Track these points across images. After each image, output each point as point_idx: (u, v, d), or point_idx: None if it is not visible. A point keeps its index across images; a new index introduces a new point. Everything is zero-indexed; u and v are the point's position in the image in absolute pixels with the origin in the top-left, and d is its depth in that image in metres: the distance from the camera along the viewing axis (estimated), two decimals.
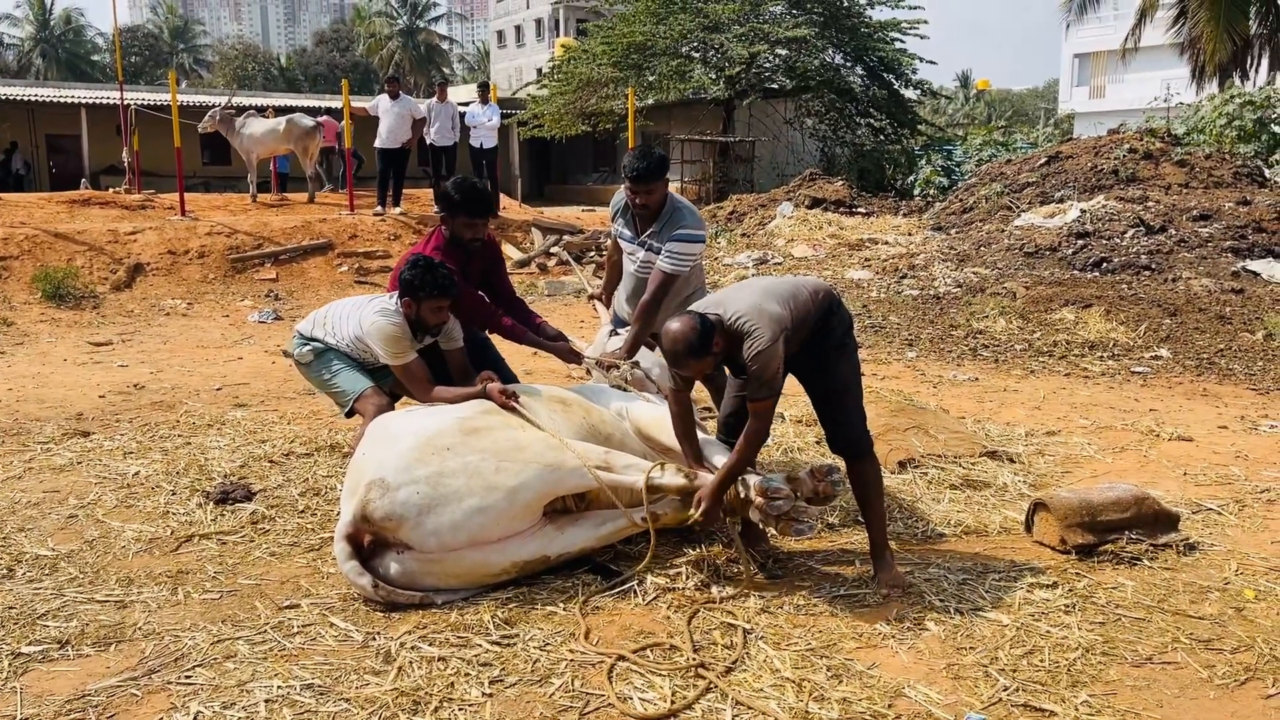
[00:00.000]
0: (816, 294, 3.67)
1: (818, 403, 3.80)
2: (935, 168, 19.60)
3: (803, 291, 3.64)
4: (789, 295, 3.58)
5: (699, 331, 3.39)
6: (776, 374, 3.44)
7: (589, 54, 25.20)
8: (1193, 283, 9.76)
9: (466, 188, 4.54)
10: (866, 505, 3.73)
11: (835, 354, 3.67)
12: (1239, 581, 3.71)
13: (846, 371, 3.71)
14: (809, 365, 3.69)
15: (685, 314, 3.49)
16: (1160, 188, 12.64)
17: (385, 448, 3.65)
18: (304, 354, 4.59)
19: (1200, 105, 16.83)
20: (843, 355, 3.69)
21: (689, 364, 3.45)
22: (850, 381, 3.72)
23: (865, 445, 3.73)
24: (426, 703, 2.85)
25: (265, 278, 12.65)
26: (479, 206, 4.57)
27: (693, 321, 3.41)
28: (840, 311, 3.72)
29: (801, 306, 3.57)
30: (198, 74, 64.59)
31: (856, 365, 3.78)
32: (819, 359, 3.67)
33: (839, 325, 3.69)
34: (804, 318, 3.57)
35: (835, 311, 3.69)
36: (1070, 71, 43.43)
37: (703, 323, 3.41)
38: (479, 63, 67.80)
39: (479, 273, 4.79)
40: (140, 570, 3.85)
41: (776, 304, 3.50)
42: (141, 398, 6.91)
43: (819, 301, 3.65)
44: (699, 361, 3.44)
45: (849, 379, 3.72)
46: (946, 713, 2.81)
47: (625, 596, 3.57)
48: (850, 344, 3.74)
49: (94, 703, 2.86)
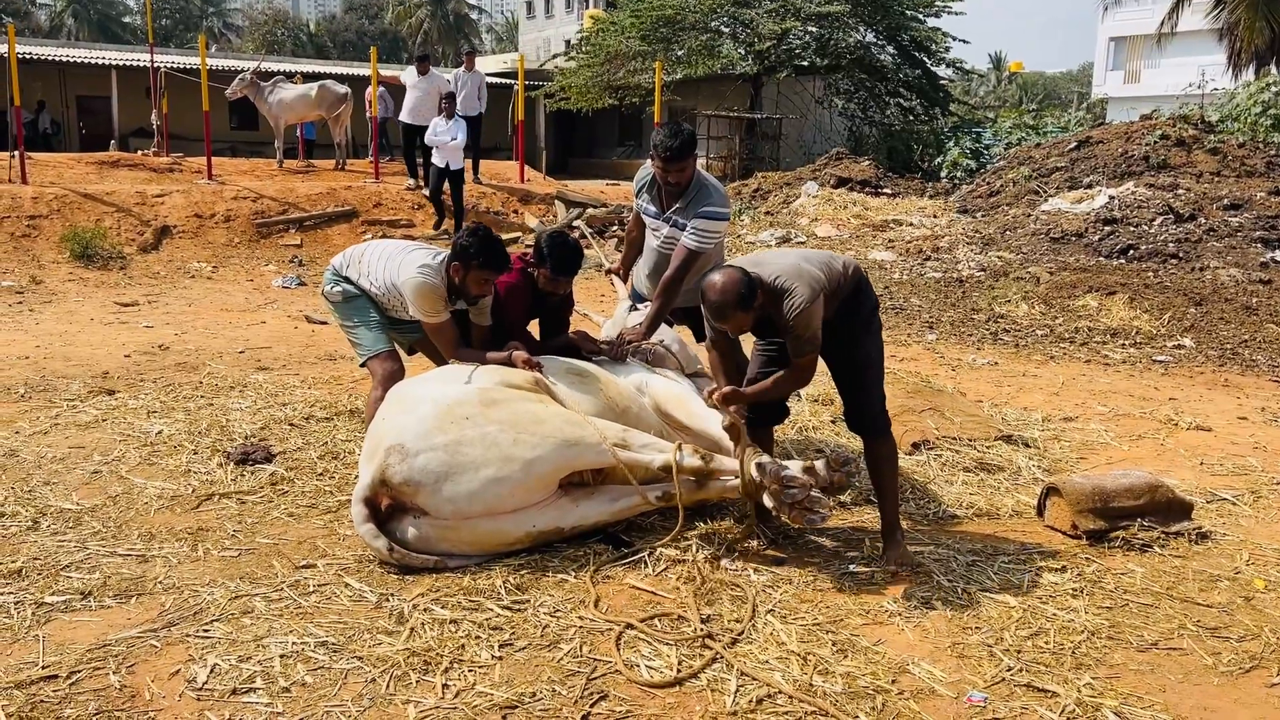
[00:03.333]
0: (847, 269, 3.70)
1: (839, 377, 3.82)
2: (963, 150, 19.43)
3: (836, 263, 3.68)
4: (824, 263, 3.63)
5: (745, 284, 3.42)
6: (817, 332, 3.49)
7: (617, 26, 25.07)
8: (1220, 272, 9.66)
9: (559, 243, 4.39)
10: (880, 483, 3.77)
11: (861, 330, 3.70)
12: (1249, 571, 3.72)
13: (870, 349, 3.74)
14: (835, 339, 3.69)
15: (728, 268, 3.50)
16: (1191, 175, 12.50)
17: (405, 414, 3.69)
18: (334, 293, 4.60)
19: (1235, 93, 16.57)
20: (868, 332, 3.73)
21: (733, 317, 3.47)
22: (873, 359, 3.75)
23: (882, 424, 3.76)
24: (437, 663, 2.90)
25: (289, 243, 12.73)
26: (566, 264, 4.39)
27: (738, 275, 3.44)
28: (868, 290, 3.75)
29: (835, 277, 3.61)
30: (227, 38, 64.68)
31: (880, 345, 3.81)
32: (846, 334, 3.68)
33: (866, 303, 3.73)
34: (836, 288, 3.60)
35: (863, 289, 3.73)
36: (1105, 55, 42.78)
37: (747, 276, 3.44)
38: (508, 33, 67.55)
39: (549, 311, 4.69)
40: (161, 526, 3.92)
41: (814, 267, 3.55)
42: (166, 358, 7.00)
43: (849, 276, 3.68)
44: (743, 314, 3.47)
45: (872, 356, 3.75)
46: (949, 690, 2.84)
47: (636, 567, 3.61)
48: (875, 323, 3.77)
49: (114, 652, 2.93)
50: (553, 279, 4.38)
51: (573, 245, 4.43)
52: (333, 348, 7.37)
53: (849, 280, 3.67)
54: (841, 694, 2.80)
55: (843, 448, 5.14)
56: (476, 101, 14.35)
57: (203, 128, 14.65)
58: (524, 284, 4.48)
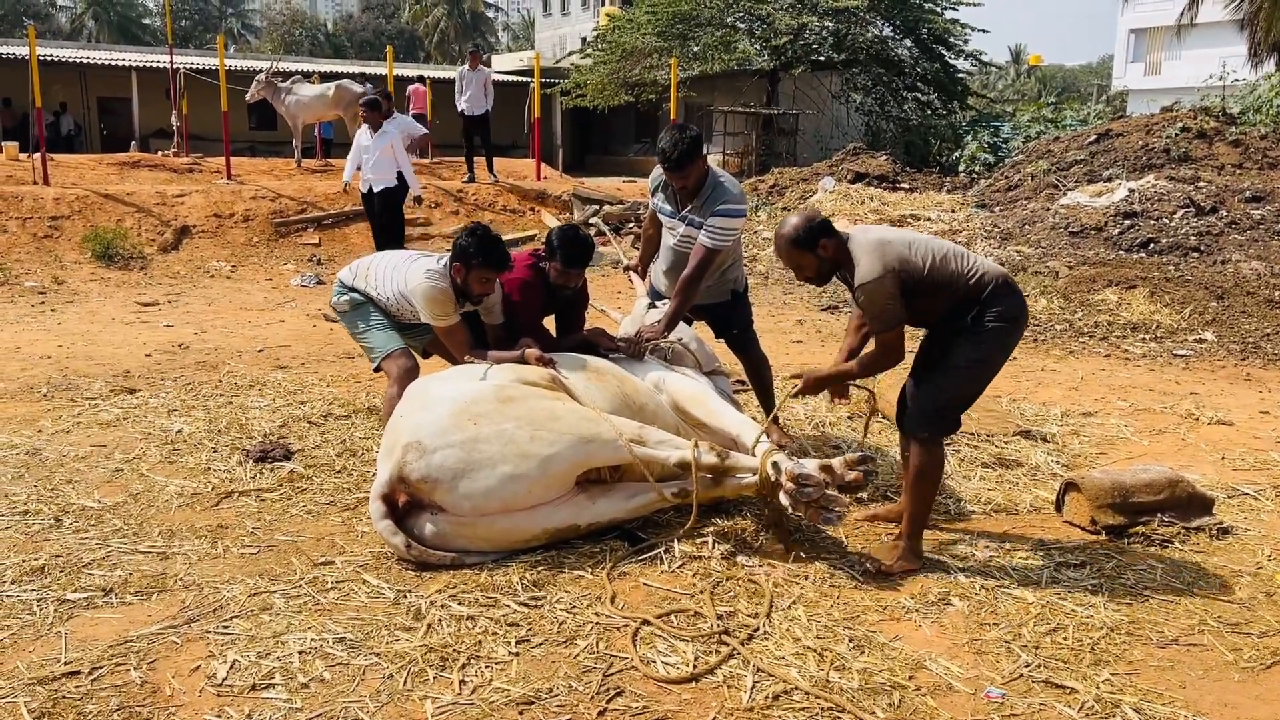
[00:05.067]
0: (976, 274, 3.46)
1: (914, 369, 3.67)
2: (981, 144, 19.32)
3: (957, 263, 3.47)
4: (934, 252, 3.46)
5: (808, 226, 3.43)
6: (887, 309, 3.38)
7: (633, 23, 25.04)
8: (1242, 265, 9.57)
9: (569, 237, 4.39)
10: (909, 487, 3.61)
11: (964, 335, 3.46)
12: (1271, 566, 3.68)
13: (962, 355, 3.48)
14: (933, 331, 3.59)
15: (808, 210, 3.55)
16: (1213, 168, 12.38)
17: (423, 411, 3.71)
18: (341, 303, 4.67)
19: (1257, 84, 16.40)
20: (971, 339, 3.46)
21: (787, 252, 3.49)
22: (958, 366, 3.49)
23: (926, 428, 3.54)
24: (454, 659, 2.92)
25: (308, 242, 12.81)
26: (576, 256, 4.37)
27: (809, 215, 3.48)
28: (1003, 302, 3.44)
29: (943, 272, 3.43)
30: (245, 39, 65.07)
31: (982, 359, 3.50)
32: (946, 330, 3.52)
33: (990, 312, 3.43)
34: (936, 281, 3.42)
35: (995, 299, 3.43)
36: (1126, 47, 42.40)
37: (816, 221, 3.45)
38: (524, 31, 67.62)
39: (564, 306, 4.69)
40: (182, 524, 3.96)
41: (908, 250, 3.42)
42: (186, 357, 7.05)
43: (973, 279, 3.44)
44: (798, 252, 3.47)
45: (958, 363, 3.49)
46: (966, 686, 2.83)
47: (652, 563, 3.61)
48: (990, 335, 3.45)
49: (135, 649, 2.96)
50: (563, 271, 4.39)
51: (583, 238, 4.43)
52: (350, 346, 7.40)
53: (969, 283, 3.43)
54: (858, 690, 2.79)
55: (858, 444, 5.12)
56: (483, 99, 14.36)
57: (222, 128, 14.75)
58: (537, 280, 4.49)
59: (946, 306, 3.48)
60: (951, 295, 3.45)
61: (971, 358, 3.48)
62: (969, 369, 3.51)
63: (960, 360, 3.49)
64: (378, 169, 9.75)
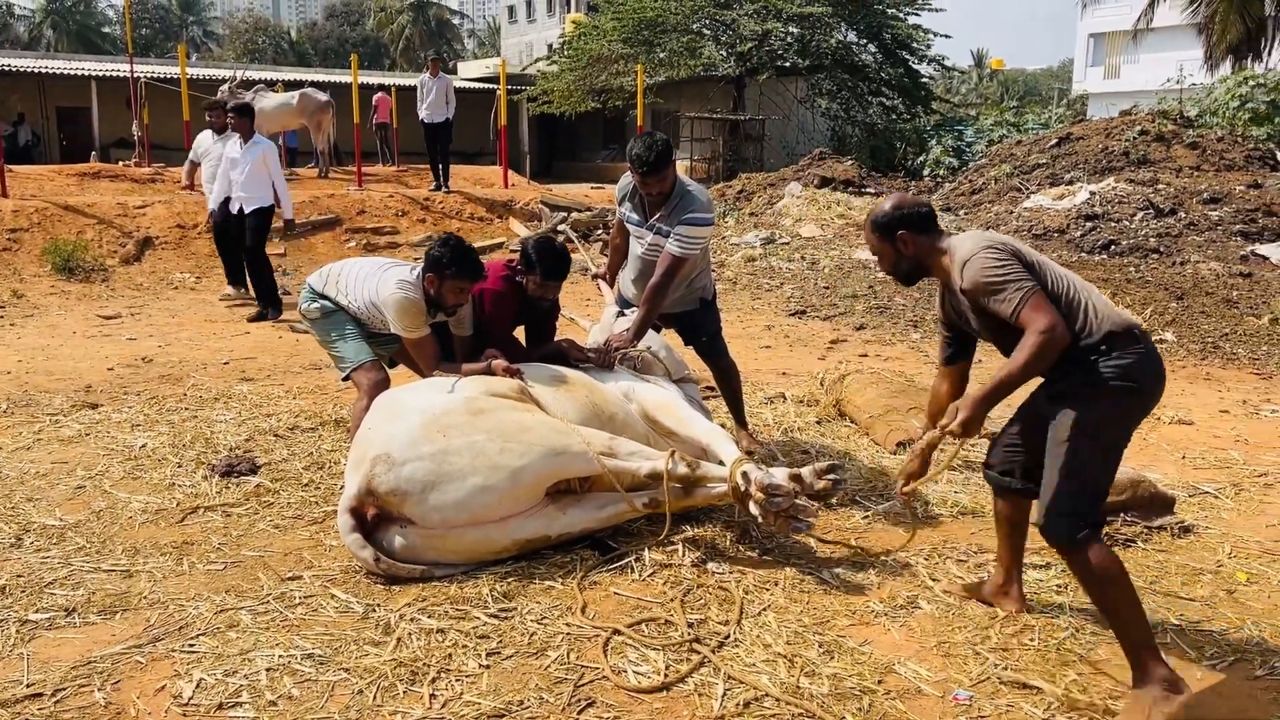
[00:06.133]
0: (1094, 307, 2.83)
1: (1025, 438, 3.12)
2: (945, 148, 19.53)
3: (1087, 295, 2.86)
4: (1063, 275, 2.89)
5: (893, 211, 3.06)
6: (1010, 275, 2.76)
7: (599, 30, 25.12)
8: (1201, 266, 9.73)
9: (548, 249, 4.37)
10: (1101, 607, 2.82)
11: (1085, 392, 2.78)
12: (1232, 564, 3.74)
13: (1087, 420, 2.76)
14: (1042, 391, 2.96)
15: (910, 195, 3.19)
16: (1171, 170, 12.59)
17: (392, 423, 3.69)
18: (311, 310, 4.62)
19: (1213, 87, 16.70)
20: (1093, 399, 2.77)
21: (868, 234, 3.14)
22: (1084, 435, 2.76)
23: (1065, 529, 2.76)
24: (424, 673, 2.90)
25: (273, 253, 12.63)
26: (555, 269, 4.36)
27: (902, 200, 3.11)
28: (1121, 356, 2.76)
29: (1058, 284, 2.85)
30: (208, 47, 64.48)
31: (1111, 422, 2.79)
32: (1059, 389, 2.85)
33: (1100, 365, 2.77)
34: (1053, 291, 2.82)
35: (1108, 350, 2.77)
36: (1085, 51, 43.02)
37: (906, 208, 3.06)
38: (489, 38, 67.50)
39: (536, 317, 4.68)
40: (146, 541, 3.91)
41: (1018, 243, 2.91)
42: (149, 371, 6.97)
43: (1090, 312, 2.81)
44: (875, 237, 3.10)
45: (1084, 431, 2.76)
46: (935, 689, 2.85)
47: (623, 572, 3.61)
48: (1114, 394, 2.77)
49: (99, 669, 2.92)
50: (542, 284, 4.38)
51: (560, 250, 4.43)
52: (317, 357, 7.34)
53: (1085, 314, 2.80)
54: (828, 695, 2.81)
55: (827, 450, 5.16)
56: (444, 107, 14.26)
57: (184, 137, 14.59)
58: (510, 292, 4.48)
59: None
60: (1072, 325, 2.79)
61: (1102, 422, 2.78)
62: (1101, 439, 2.78)
63: (1088, 428, 2.76)
64: (250, 185, 8.80)
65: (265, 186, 8.88)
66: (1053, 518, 2.78)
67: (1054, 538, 2.80)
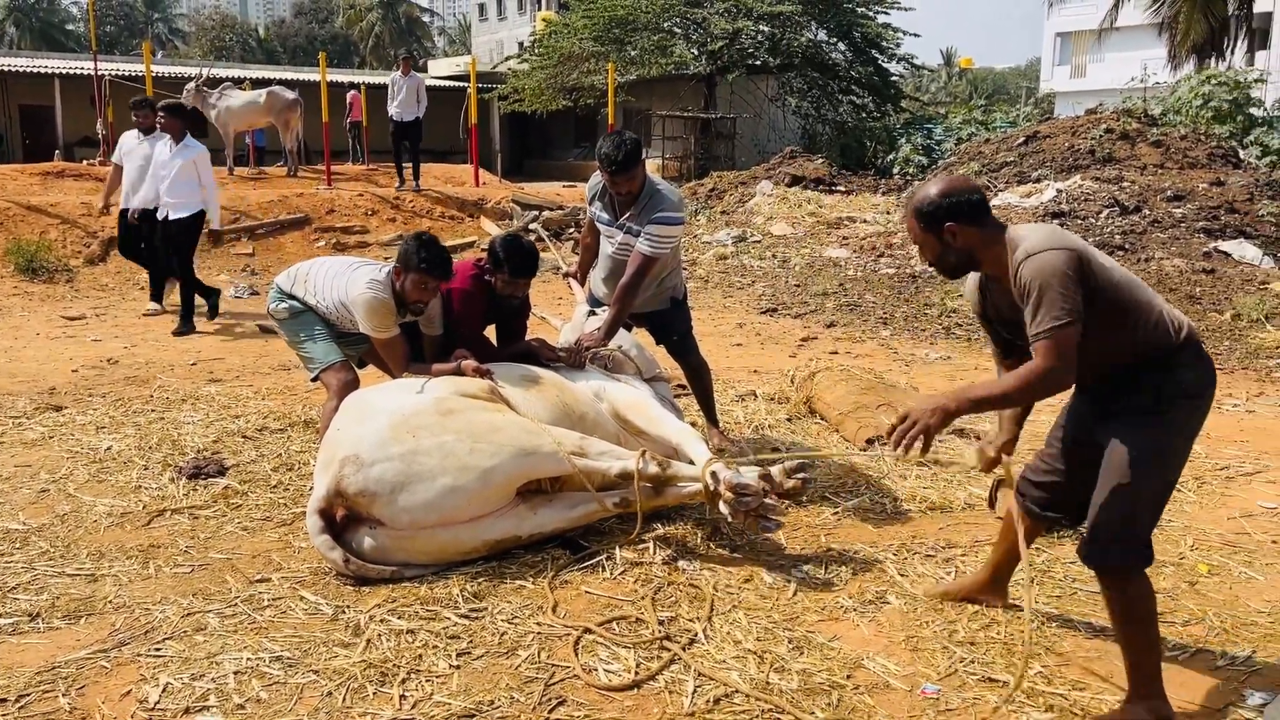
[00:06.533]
0: (1167, 316, 2.63)
1: (1069, 460, 2.87)
2: (915, 146, 19.69)
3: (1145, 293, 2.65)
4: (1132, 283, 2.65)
5: (941, 198, 2.69)
6: (1064, 295, 2.47)
7: (570, 28, 25.11)
8: (1165, 263, 9.87)
9: (515, 246, 4.35)
10: (1122, 637, 2.69)
11: (1141, 414, 2.62)
12: (1194, 557, 3.80)
13: (1141, 447, 2.58)
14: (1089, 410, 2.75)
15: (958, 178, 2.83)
16: (1136, 168, 12.75)
17: (361, 424, 3.67)
18: (280, 310, 4.57)
19: (1177, 86, 16.93)
20: (1147, 423, 2.60)
21: (911, 223, 2.78)
22: (1139, 462, 2.57)
23: (1120, 555, 2.60)
24: (394, 674, 2.89)
25: (241, 252, 12.58)
26: (523, 266, 4.34)
27: (952, 185, 2.72)
28: (1188, 369, 2.62)
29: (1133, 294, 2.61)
30: (173, 45, 63.76)
31: (1170, 448, 2.61)
32: (1111, 409, 2.67)
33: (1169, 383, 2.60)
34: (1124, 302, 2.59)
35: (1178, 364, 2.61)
36: (1052, 50, 43.48)
37: (956, 194, 2.69)
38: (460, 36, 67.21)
39: (506, 316, 4.66)
40: (111, 544, 3.86)
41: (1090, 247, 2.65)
42: (115, 372, 6.89)
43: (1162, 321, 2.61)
44: (919, 228, 2.74)
45: (1138, 458, 2.57)
46: (903, 683, 2.88)
47: (594, 570, 3.61)
48: (1171, 413, 2.60)
49: (64, 674, 2.88)
50: (511, 281, 4.37)
51: (528, 247, 4.42)
52: (286, 358, 7.29)
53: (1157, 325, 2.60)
54: (798, 691, 2.83)
55: (798, 447, 5.18)
56: (415, 105, 14.20)
57: None
58: (479, 291, 4.46)
59: (1123, 352, 2.63)
60: (1136, 335, 2.61)
61: (1155, 449, 2.58)
62: (1151, 469, 2.58)
63: (1141, 454, 2.57)
64: (176, 190, 8.16)
65: (195, 193, 8.24)
66: (1112, 549, 2.60)
67: (1109, 569, 2.63)
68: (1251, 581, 3.58)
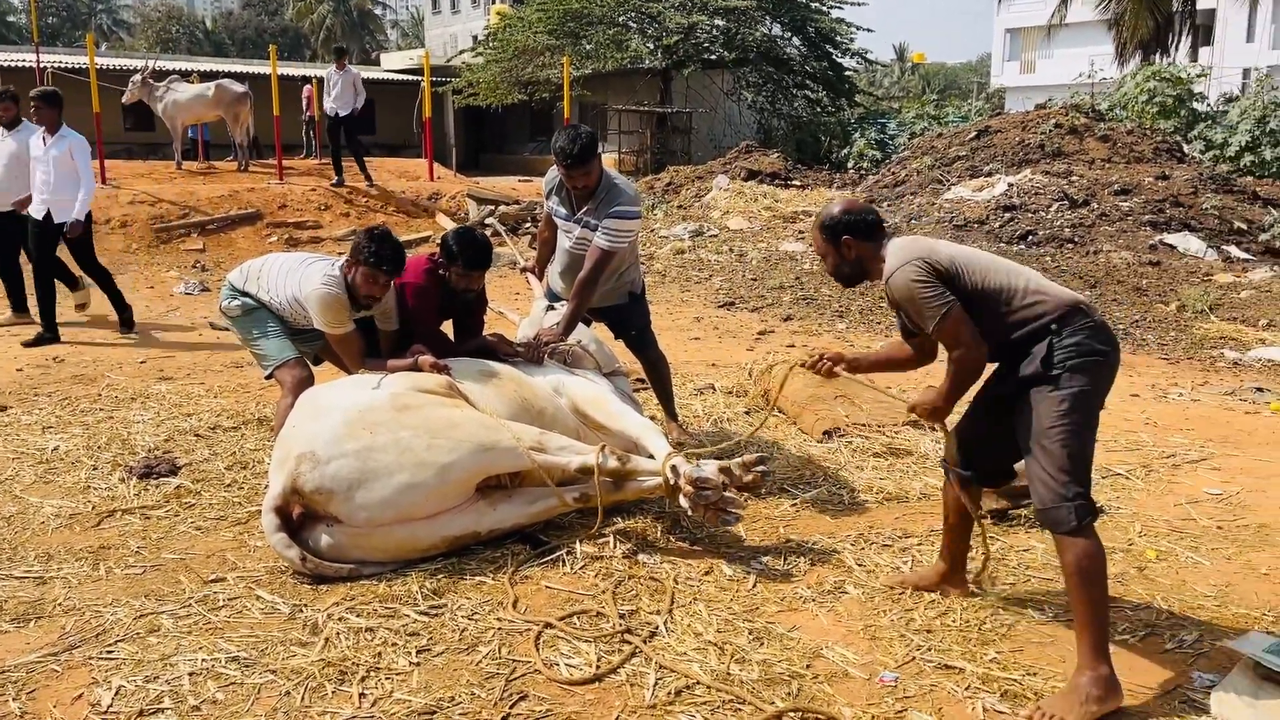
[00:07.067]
0: (1036, 295, 2.91)
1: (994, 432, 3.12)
2: (869, 140, 19.85)
3: (1011, 277, 2.95)
4: (977, 258, 3.00)
5: (841, 215, 3.13)
6: (928, 299, 2.88)
7: (525, 21, 24.96)
8: (1113, 255, 10.06)
9: (468, 239, 4.32)
10: (1077, 600, 2.81)
11: (1034, 386, 2.88)
12: (1142, 543, 3.88)
13: (1046, 413, 2.83)
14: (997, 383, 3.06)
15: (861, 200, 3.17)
16: (1084, 162, 12.97)
17: (315, 421, 3.63)
18: (232, 308, 4.50)
19: (1123, 82, 17.25)
20: (1049, 387, 2.84)
21: (815, 235, 3.22)
22: (1049, 428, 2.82)
23: (1061, 517, 2.79)
24: (353, 673, 2.87)
25: (192, 248, 12.38)
26: (477, 258, 4.30)
27: (851, 204, 3.18)
28: (1072, 335, 2.86)
29: (987, 281, 2.93)
30: (118, 36, 62.43)
31: (1074, 407, 2.82)
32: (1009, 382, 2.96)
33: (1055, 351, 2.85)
34: (978, 288, 2.92)
35: (1060, 333, 2.86)
36: (1002, 46, 44.12)
37: (852, 213, 3.14)
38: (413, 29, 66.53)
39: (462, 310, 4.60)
40: (60, 546, 3.79)
41: (937, 246, 3.01)
42: (61, 371, 6.74)
43: (1031, 300, 2.90)
44: (821, 240, 3.18)
45: (1049, 423, 2.82)
46: (862, 672, 2.91)
47: (554, 565, 3.61)
48: (1064, 376, 2.84)
49: (13, 679, 2.83)
50: (465, 274, 4.33)
51: (481, 239, 4.39)
52: (239, 355, 7.18)
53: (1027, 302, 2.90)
54: (758, 681, 2.85)
55: (755, 440, 5.21)
56: (351, 99, 14.03)
57: (94, 129, 14.13)
58: (431, 285, 4.43)
59: (1000, 331, 2.92)
60: (1002, 315, 2.91)
61: (1061, 410, 2.83)
62: (1068, 427, 2.82)
63: (1052, 420, 2.83)
64: (60, 188, 7.32)
65: (72, 190, 7.39)
66: (1059, 506, 2.78)
67: (1061, 525, 2.78)
68: (1198, 566, 3.67)
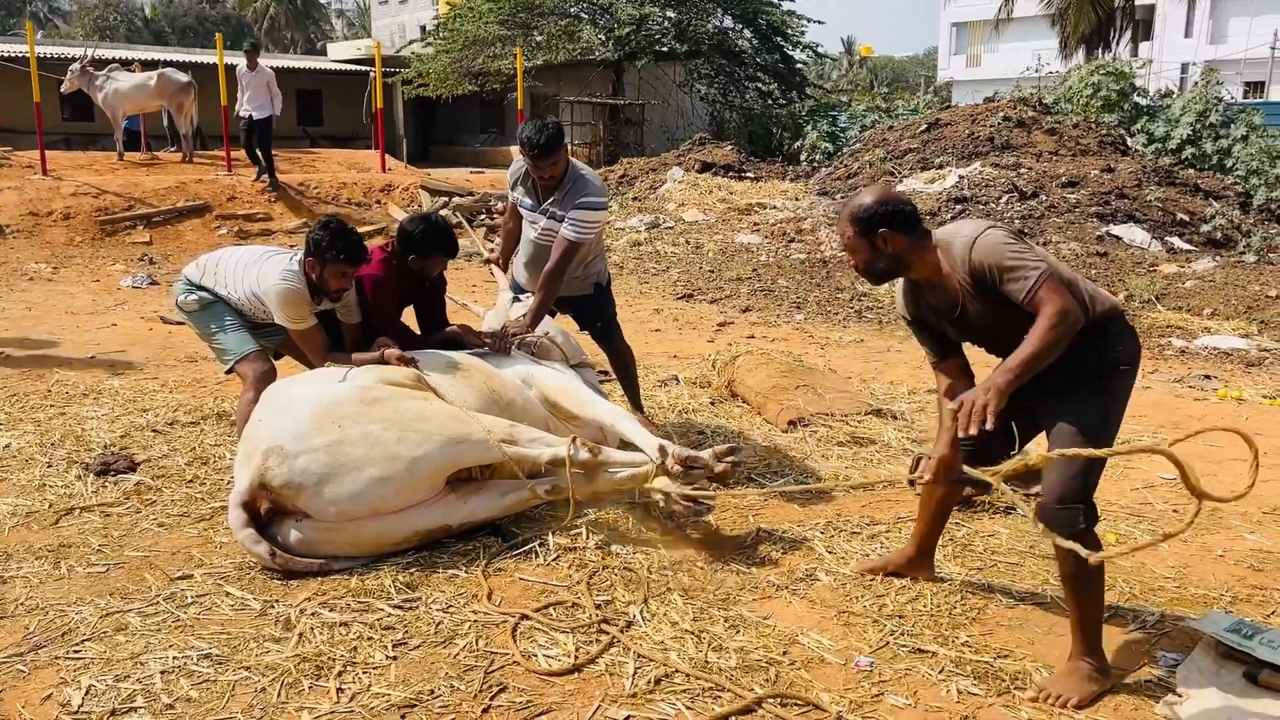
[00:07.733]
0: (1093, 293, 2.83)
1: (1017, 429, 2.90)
2: (821, 133, 19.96)
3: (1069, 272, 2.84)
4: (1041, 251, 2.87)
5: (875, 207, 2.86)
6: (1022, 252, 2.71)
7: (475, 11, 24.72)
8: (1062, 246, 10.25)
9: (428, 226, 4.29)
10: (1073, 596, 2.86)
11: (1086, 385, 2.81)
12: (1101, 527, 3.96)
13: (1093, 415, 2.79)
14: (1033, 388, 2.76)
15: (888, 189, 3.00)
16: (1032, 155, 13.19)
17: (283, 415, 3.58)
18: (189, 303, 4.40)
19: (1068, 75, 17.54)
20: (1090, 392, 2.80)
21: (845, 232, 2.95)
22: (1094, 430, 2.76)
23: (1073, 519, 2.73)
24: (330, 667, 2.84)
25: (138, 241, 12.12)
26: (439, 243, 4.29)
27: (885, 195, 2.90)
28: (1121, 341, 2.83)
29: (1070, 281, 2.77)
30: (54, 24, 60.76)
31: (1116, 413, 2.84)
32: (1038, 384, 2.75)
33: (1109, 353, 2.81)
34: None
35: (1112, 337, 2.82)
36: (949, 40, 44.72)
37: (889, 204, 2.87)
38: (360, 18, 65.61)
39: (423, 299, 4.59)
40: (18, 545, 3.69)
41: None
42: (6, 367, 6.56)
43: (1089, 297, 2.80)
44: (854, 235, 2.91)
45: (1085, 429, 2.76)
46: (837, 657, 2.95)
47: (527, 557, 3.60)
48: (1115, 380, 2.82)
49: None
50: (424, 259, 4.31)
51: (439, 222, 4.37)
52: (194, 349, 7.05)
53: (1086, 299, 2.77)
54: (736, 668, 2.87)
55: (722, 431, 5.24)
56: (266, 101, 13.07)
57: (33, 119, 13.76)
58: (390, 275, 4.38)
59: None
60: None
61: (1103, 414, 2.80)
62: (1105, 430, 2.78)
63: (1093, 419, 2.77)
64: None
65: None
66: (1073, 507, 2.74)
67: (1070, 526, 2.71)
68: (1156, 549, 3.76)
